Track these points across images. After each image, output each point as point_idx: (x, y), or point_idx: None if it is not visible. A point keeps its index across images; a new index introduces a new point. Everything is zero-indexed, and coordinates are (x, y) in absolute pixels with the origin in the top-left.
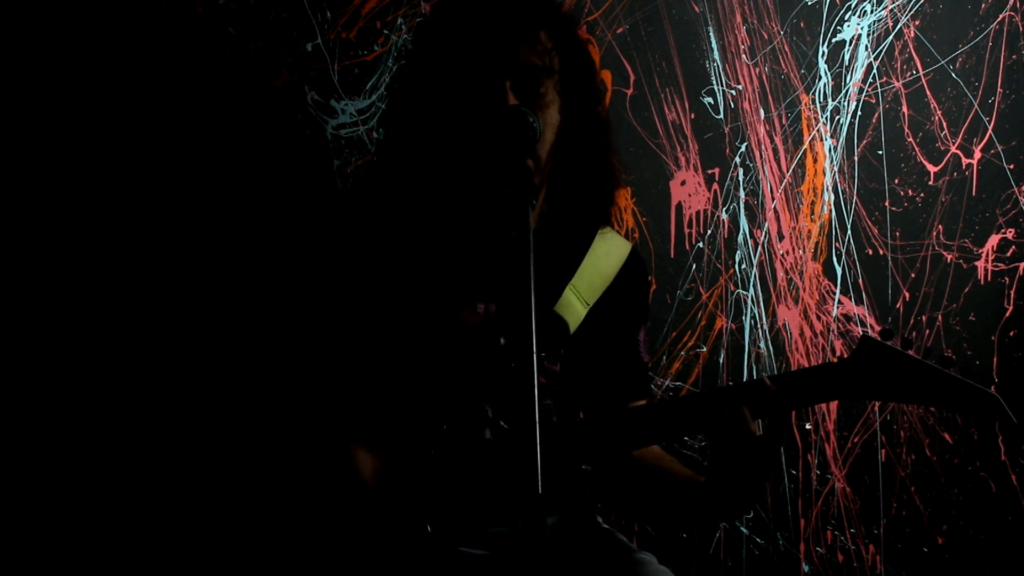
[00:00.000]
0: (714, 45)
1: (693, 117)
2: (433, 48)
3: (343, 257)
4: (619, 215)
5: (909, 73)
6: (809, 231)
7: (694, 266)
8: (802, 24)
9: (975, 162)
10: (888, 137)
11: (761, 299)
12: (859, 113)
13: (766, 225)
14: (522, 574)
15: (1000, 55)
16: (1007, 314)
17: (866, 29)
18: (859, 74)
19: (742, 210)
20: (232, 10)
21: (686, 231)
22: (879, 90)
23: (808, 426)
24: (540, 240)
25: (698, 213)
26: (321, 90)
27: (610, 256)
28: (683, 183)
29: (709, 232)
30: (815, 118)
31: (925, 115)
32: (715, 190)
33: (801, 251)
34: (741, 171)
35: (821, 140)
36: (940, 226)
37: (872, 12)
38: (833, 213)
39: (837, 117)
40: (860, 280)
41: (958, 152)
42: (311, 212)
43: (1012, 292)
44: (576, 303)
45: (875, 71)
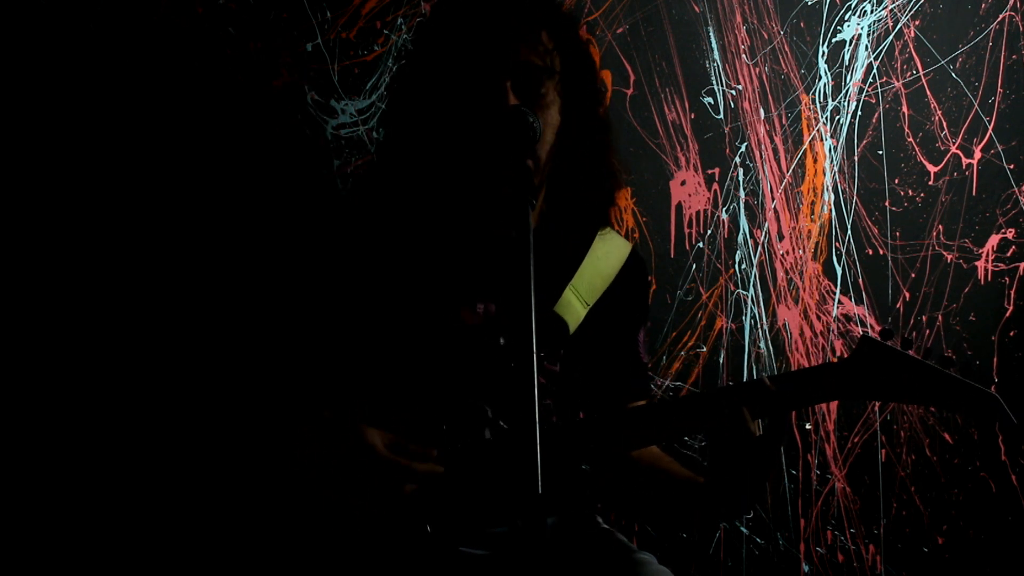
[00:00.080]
0: (714, 45)
1: (693, 117)
2: (433, 48)
3: (343, 257)
4: (619, 215)
5: (909, 73)
6: (809, 231)
7: (694, 266)
8: (802, 24)
9: (975, 162)
10: (888, 137)
11: (761, 299)
12: (859, 113)
13: (766, 225)
14: (522, 574)
15: (1000, 55)
16: (1007, 314)
17: (866, 29)
18: (859, 74)
19: (742, 210)
20: (232, 10)
21: (686, 231)
22: (879, 90)
23: (808, 426)
24: (540, 240)
25: (698, 213)
26: (321, 90)
27: (610, 256)
28: (683, 183)
29: (709, 232)
30: (815, 118)
31: (925, 115)
32: (715, 190)
33: (801, 251)
34: (741, 171)
35: (821, 140)
36: (940, 226)
37: (872, 12)
38: (833, 213)
39: (837, 117)
40: (860, 280)
41: (958, 152)
42: (311, 212)
43: (1012, 292)
44: (576, 303)
45: (875, 71)
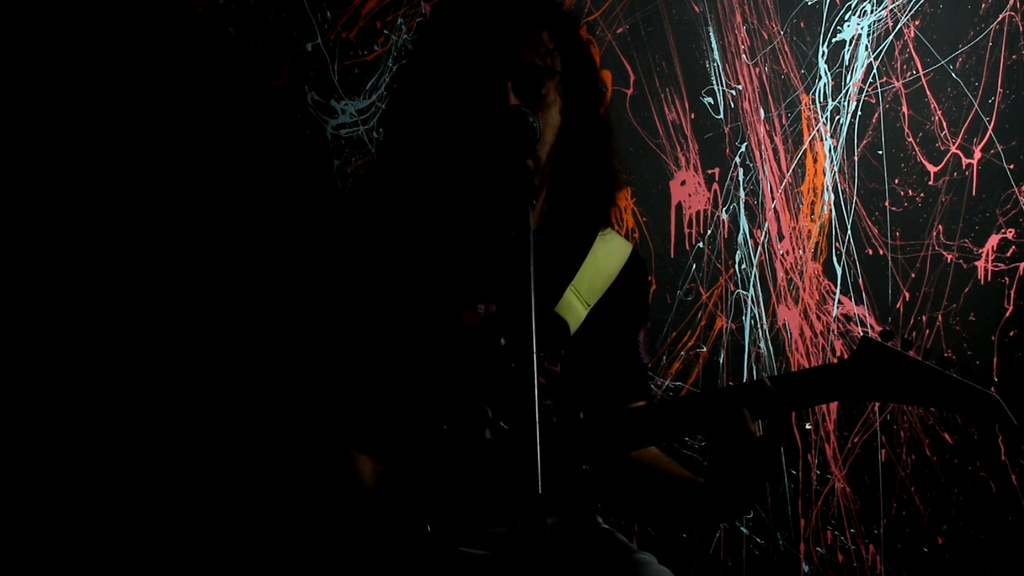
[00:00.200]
0: (714, 45)
1: (693, 117)
2: (434, 48)
3: (343, 257)
4: (619, 215)
5: (909, 73)
6: (809, 231)
7: (694, 266)
8: (802, 24)
9: (975, 162)
10: (888, 137)
11: (761, 299)
12: (859, 113)
13: (766, 225)
14: (522, 574)
15: (1000, 55)
16: (1007, 314)
17: (866, 29)
18: (859, 74)
19: (742, 210)
20: (232, 10)
21: (686, 231)
22: (879, 90)
23: (808, 426)
24: (540, 240)
25: (698, 213)
26: (321, 90)
27: (611, 257)
28: (683, 183)
29: (709, 232)
30: (815, 118)
31: (925, 115)
32: (715, 190)
33: (801, 251)
34: (741, 171)
35: (821, 140)
36: (940, 226)
37: (872, 12)
38: (833, 213)
39: (837, 117)
40: (860, 280)
41: (958, 152)
42: (311, 212)
43: (1012, 292)
44: (576, 304)
45: (875, 71)
